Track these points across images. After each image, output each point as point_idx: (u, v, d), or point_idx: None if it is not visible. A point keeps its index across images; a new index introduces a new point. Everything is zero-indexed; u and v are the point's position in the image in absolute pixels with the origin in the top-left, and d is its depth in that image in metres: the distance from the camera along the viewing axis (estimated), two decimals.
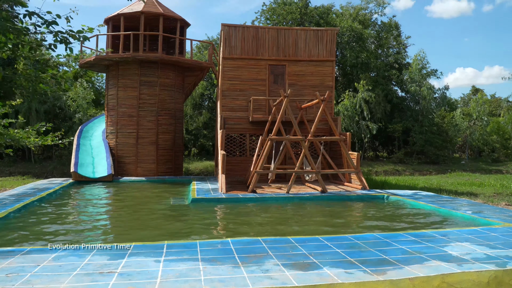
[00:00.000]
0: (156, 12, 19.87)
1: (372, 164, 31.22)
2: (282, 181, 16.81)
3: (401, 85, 37.43)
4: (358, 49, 33.90)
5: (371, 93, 30.57)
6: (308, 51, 18.39)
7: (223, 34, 17.91)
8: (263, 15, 37.09)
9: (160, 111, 20.01)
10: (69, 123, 28.29)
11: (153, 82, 19.88)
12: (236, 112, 18.01)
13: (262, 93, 18.00)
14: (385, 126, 34.35)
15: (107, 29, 20.98)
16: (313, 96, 17.36)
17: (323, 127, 18.01)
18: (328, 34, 18.55)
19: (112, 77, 20.27)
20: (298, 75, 18.33)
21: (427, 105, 34.50)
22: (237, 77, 18.03)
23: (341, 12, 37.55)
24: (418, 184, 19.07)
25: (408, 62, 38.01)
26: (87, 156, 18.99)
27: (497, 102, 55.98)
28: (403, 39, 39.26)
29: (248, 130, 18.18)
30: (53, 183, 15.73)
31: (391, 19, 38.57)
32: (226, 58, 17.95)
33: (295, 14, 34.71)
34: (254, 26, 20.19)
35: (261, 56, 18.12)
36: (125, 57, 19.16)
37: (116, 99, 19.93)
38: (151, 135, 19.79)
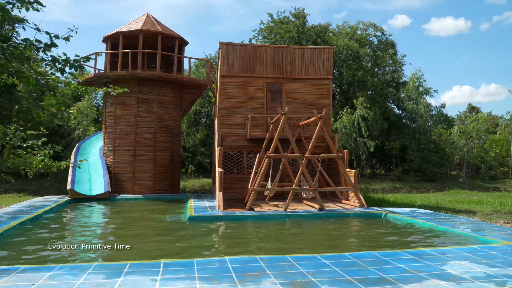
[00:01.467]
0: (155, 31, 20.04)
1: (369, 182, 31.18)
2: (280, 199, 16.75)
3: (398, 103, 37.65)
4: (355, 67, 34.18)
5: (368, 111, 30.72)
6: (306, 69, 18.53)
7: (221, 52, 18.06)
8: (260, 33, 37.44)
9: (157, 128, 20.03)
10: (68, 140, 28.27)
11: (151, 99, 19.94)
12: (233, 129, 18.05)
13: (259, 111, 18.07)
14: (383, 144, 34.43)
15: (106, 47, 21.13)
16: (310, 113, 17.43)
17: (321, 145, 18.04)
18: (325, 52, 18.72)
19: (110, 95, 20.34)
20: (296, 93, 18.43)
21: (424, 122, 34.67)
22: (235, 94, 18.12)
23: (338, 31, 37.95)
24: (416, 202, 19.03)
25: (405, 81, 38.31)
26: (84, 173, 18.92)
27: (494, 120, 56.27)
28: (399, 58, 39.65)
29: (246, 147, 18.18)
30: (49, 201, 15.63)
31: (387, 38, 39.00)
32: (224, 76, 18.06)
33: (293, 32, 35.05)
34: (252, 44, 20.40)
35: (259, 74, 18.24)
36: (124, 75, 19.26)
37: (114, 116, 19.96)
38: (148, 152, 19.77)
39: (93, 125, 31.04)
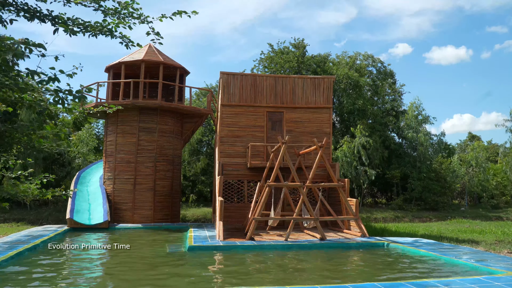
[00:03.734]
0: (157, 61, 20.32)
1: (371, 211, 30.93)
2: (281, 228, 16.58)
3: (398, 132, 37.75)
4: (355, 96, 34.44)
5: (368, 139, 30.78)
6: (306, 98, 18.68)
7: (222, 82, 18.24)
8: (261, 63, 37.92)
9: (158, 157, 20.04)
10: (68, 169, 28.23)
11: (152, 128, 20.03)
12: (234, 158, 18.04)
13: (260, 140, 18.11)
14: (383, 172, 34.33)
15: (108, 76, 21.37)
16: (311, 142, 17.45)
17: (321, 173, 18.00)
18: (325, 82, 18.91)
19: (112, 124, 20.44)
20: (296, 122, 18.52)
21: (425, 151, 34.66)
22: (235, 123, 18.20)
23: (337, 61, 38.43)
24: (418, 231, 18.82)
25: (404, 109, 38.53)
26: (83, 203, 18.81)
27: (494, 148, 56.30)
28: (398, 87, 39.99)
29: (246, 176, 18.13)
30: (47, 230, 15.48)
31: (386, 68, 39.45)
32: (225, 105, 18.19)
33: (293, 62, 35.50)
34: (252, 74, 20.66)
35: (259, 103, 18.37)
36: (125, 104, 19.40)
37: (115, 145, 20.00)
38: (148, 181, 19.71)
39: (93, 154, 31.07)
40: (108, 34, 6.30)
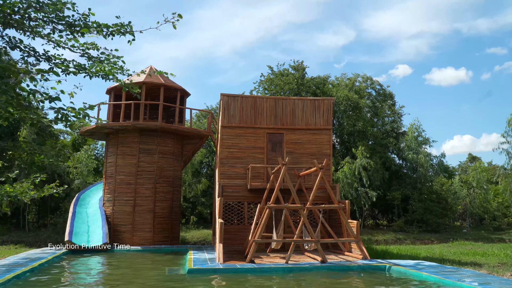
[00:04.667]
0: (157, 83, 20.46)
1: (372, 233, 30.68)
2: (281, 251, 16.41)
3: (398, 153, 37.74)
4: (355, 117, 34.57)
5: (369, 160, 30.75)
6: (306, 120, 18.74)
7: (222, 104, 18.33)
8: (261, 85, 38.16)
9: (158, 178, 19.98)
10: (67, 190, 28.12)
11: (152, 150, 20.03)
12: (234, 179, 17.99)
13: (260, 161, 18.10)
14: (384, 194, 34.17)
15: (109, 98, 21.48)
16: (311, 164, 17.43)
17: (322, 195, 17.92)
18: (325, 103, 19.00)
19: (112, 145, 20.45)
20: (296, 143, 18.54)
21: (425, 172, 34.58)
22: (236, 145, 18.21)
23: (337, 83, 38.69)
24: (420, 254, 18.63)
25: (404, 131, 38.61)
26: (82, 225, 18.67)
27: (494, 170, 56.19)
28: (398, 109, 40.16)
29: (246, 198, 18.05)
30: (46, 253, 15.33)
31: (385, 90, 39.70)
32: (225, 126, 18.24)
33: (292, 84, 35.73)
34: (253, 96, 20.77)
35: (259, 125, 18.43)
36: (126, 126, 19.46)
37: (115, 166, 19.98)
38: (148, 203, 19.61)
39: (93, 175, 31.00)
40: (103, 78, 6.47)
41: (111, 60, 6.47)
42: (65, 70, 6.27)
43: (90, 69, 6.39)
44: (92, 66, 6.41)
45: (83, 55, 6.42)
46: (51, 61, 6.29)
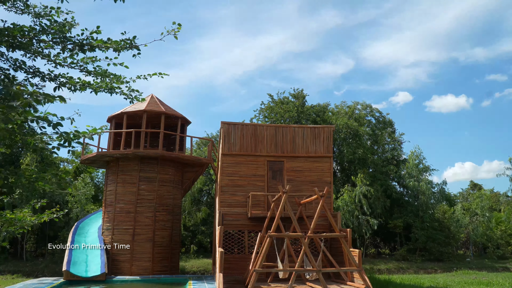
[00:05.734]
0: (158, 111, 20.59)
1: (374, 262, 30.25)
2: (282, 280, 16.14)
3: (399, 180, 37.59)
4: (355, 145, 34.61)
5: (369, 188, 30.60)
6: (306, 147, 18.75)
7: (223, 131, 18.39)
8: (261, 113, 38.39)
9: (158, 207, 19.85)
10: (66, 219, 27.88)
11: (153, 178, 19.98)
12: (234, 208, 17.87)
13: (260, 189, 18.01)
14: (386, 222, 33.85)
15: (110, 126, 21.58)
16: (311, 191, 17.34)
17: (323, 223, 17.75)
18: (325, 131, 19.06)
19: (112, 173, 20.41)
20: (297, 171, 18.49)
21: (427, 200, 34.34)
22: (236, 173, 18.17)
23: (336, 111, 38.93)
24: (424, 284, 18.31)
25: (405, 158, 38.58)
26: (80, 254, 18.44)
27: (496, 197, 55.87)
28: (398, 136, 40.26)
29: (247, 226, 17.88)
30: (43, 283, 15.08)
31: (385, 117, 39.89)
32: (225, 154, 18.24)
33: (292, 112, 35.95)
34: (253, 123, 20.87)
35: (260, 153, 18.43)
36: (126, 154, 19.46)
37: (115, 194, 19.88)
38: (147, 231, 19.42)
39: (92, 204, 30.82)
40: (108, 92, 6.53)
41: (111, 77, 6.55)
42: (71, 88, 6.34)
43: (95, 85, 6.47)
44: (97, 82, 6.48)
45: (82, 70, 6.50)
46: (56, 80, 6.37)
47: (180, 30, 6.43)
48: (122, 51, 6.40)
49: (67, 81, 6.38)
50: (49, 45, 6.21)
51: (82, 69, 6.52)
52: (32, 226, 8.34)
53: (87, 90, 6.54)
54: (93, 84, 6.47)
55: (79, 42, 6.22)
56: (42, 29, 6.08)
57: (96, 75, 6.53)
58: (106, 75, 6.57)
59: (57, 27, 6.11)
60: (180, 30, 6.44)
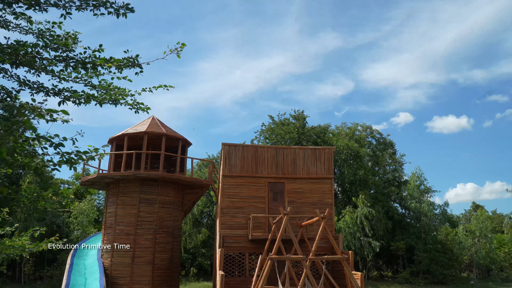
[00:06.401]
0: (159, 132, 20.61)
1: (377, 285, 29.83)
2: None
3: (400, 202, 37.38)
4: (356, 166, 34.56)
5: (371, 209, 30.42)
6: (307, 169, 18.71)
7: (223, 153, 18.38)
8: (262, 134, 38.49)
9: (158, 229, 19.68)
10: (66, 241, 27.68)
11: (153, 199, 19.87)
12: (235, 230, 17.72)
13: (261, 211, 17.90)
14: (388, 244, 33.53)
15: (111, 148, 21.58)
16: (313, 213, 17.23)
17: (324, 245, 17.58)
18: (326, 152, 19.04)
19: (112, 195, 20.32)
20: (297, 193, 18.41)
21: (429, 222, 34.08)
22: (237, 194, 18.09)
23: (337, 132, 39.02)
24: None
25: (406, 180, 38.46)
26: (79, 277, 18.20)
27: (499, 219, 55.44)
28: (398, 157, 40.21)
29: (248, 248, 17.70)
30: None
31: (385, 138, 39.94)
32: (226, 176, 18.19)
33: (293, 133, 36.05)
34: (254, 145, 20.94)
35: (261, 174, 18.38)
36: (127, 175, 19.41)
37: (115, 216, 19.74)
38: (147, 254, 19.20)
39: (93, 226, 30.66)
40: (112, 103, 6.55)
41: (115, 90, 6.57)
42: (75, 101, 6.35)
43: (99, 97, 6.48)
44: (101, 95, 6.50)
45: (86, 84, 6.53)
46: (60, 94, 6.39)
47: (183, 49, 6.46)
48: (125, 69, 6.43)
49: (72, 94, 6.40)
50: (52, 63, 6.26)
51: (86, 84, 6.55)
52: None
53: (91, 103, 6.54)
54: (98, 96, 6.48)
55: (82, 60, 6.26)
56: (45, 44, 6.13)
57: (100, 89, 6.55)
58: (110, 89, 6.60)
59: (60, 41, 6.16)
60: (183, 49, 6.47)
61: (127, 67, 6.40)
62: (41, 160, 5.99)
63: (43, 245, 8.07)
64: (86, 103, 6.46)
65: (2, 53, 5.76)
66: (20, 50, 5.89)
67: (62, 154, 5.65)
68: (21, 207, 8.19)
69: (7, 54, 5.81)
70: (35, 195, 7.43)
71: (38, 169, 6.17)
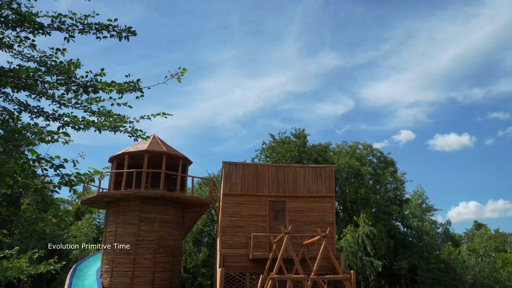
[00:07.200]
0: (160, 151, 20.61)
1: None
2: None
3: (402, 221, 37.13)
4: (357, 184, 34.44)
5: (372, 228, 30.18)
6: (308, 187, 18.64)
7: (224, 171, 18.34)
8: (263, 153, 38.45)
9: (158, 248, 19.51)
10: (65, 261, 27.42)
11: (153, 218, 19.75)
12: (235, 249, 17.56)
13: (262, 230, 17.77)
14: (390, 263, 33.18)
15: (111, 166, 21.55)
16: (314, 232, 17.10)
17: (326, 265, 17.39)
18: (327, 171, 19.00)
19: (112, 214, 20.20)
20: (298, 211, 18.30)
21: (431, 241, 33.78)
22: (237, 213, 17.99)
23: (338, 150, 39.00)
24: None
25: (408, 198, 38.27)
26: None
27: (502, 237, 54.98)
28: (400, 176, 40.08)
29: (248, 268, 17.51)
30: None
31: (386, 157, 39.89)
32: (227, 194, 18.12)
33: (294, 151, 36.02)
34: (254, 163, 20.90)
35: (261, 193, 18.30)
36: (127, 194, 19.34)
37: (114, 236, 19.59)
38: (147, 274, 18.99)
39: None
40: (111, 130, 6.57)
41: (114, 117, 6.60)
42: (74, 127, 6.38)
43: (99, 123, 6.51)
44: (101, 121, 6.53)
45: (86, 110, 6.56)
46: (60, 119, 6.42)
47: (184, 74, 6.51)
48: (126, 93, 6.46)
49: (71, 120, 6.44)
50: (54, 86, 6.30)
51: (86, 110, 6.58)
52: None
53: (90, 129, 6.57)
54: (97, 122, 6.51)
55: (83, 84, 6.30)
56: (47, 69, 6.19)
57: (100, 115, 6.58)
58: (110, 115, 6.62)
59: (62, 68, 6.21)
60: (184, 74, 6.52)
61: (128, 91, 6.44)
62: (41, 181, 5.97)
63: (42, 268, 8.00)
64: (85, 129, 6.49)
65: (4, 77, 5.80)
66: (22, 73, 5.93)
67: (62, 176, 5.63)
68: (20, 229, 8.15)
69: (9, 77, 5.85)
70: (34, 217, 7.40)
71: (38, 190, 6.16)
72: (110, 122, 6.57)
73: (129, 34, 6.10)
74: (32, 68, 6.07)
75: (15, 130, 4.92)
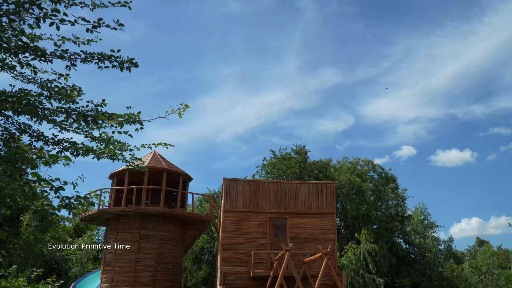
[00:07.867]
0: (160, 167, 20.58)
1: None
2: None
3: (404, 237, 36.83)
4: (358, 201, 34.26)
5: (374, 245, 29.92)
6: (309, 204, 18.55)
7: (225, 188, 18.28)
8: (263, 169, 38.36)
9: (158, 265, 19.34)
10: (64, 278, 27.17)
11: (153, 235, 19.62)
12: (236, 266, 17.40)
13: (263, 247, 17.63)
14: (393, 281, 32.80)
15: (112, 183, 21.50)
16: (315, 249, 16.96)
17: (328, 283, 17.20)
18: (328, 187, 18.93)
19: (112, 231, 20.08)
20: (299, 228, 18.18)
21: (434, 258, 33.45)
22: (238, 230, 17.87)
23: (338, 166, 38.92)
24: None
25: (409, 214, 38.03)
26: None
27: (505, 254, 54.45)
28: (401, 192, 39.89)
29: (249, 286, 17.31)
30: None
31: (387, 173, 39.77)
32: (227, 211, 18.02)
33: (295, 168, 35.94)
34: (255, 180, 20.82)
35: (262, 209, 18.21)
36: (127, 211, 19.25)
37: (114, 253, 19.44)
38: None
39: (92, 263, 30.14)
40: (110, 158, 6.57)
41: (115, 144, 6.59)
42: (73, 153, 6.37)
43: (98, 151, 6.50)
44: (100, 149, 6.52)
45: (87, 136, 6.55)
46: (59, 144, 6.42)
47: (185, 110, 6.53)
48: (125, 124, 6.47)
49: (70, 146, 6.43)
50: (54, 113, 6.32)
51: (87, 135, 6.58)
52: None
53: (89, 156, 6.56)
54: (96, 150, 6.51)
55: (83, 113, 6.31)
56: (49, 94, 6.20)
57: (100, 141, 6.57)
58: (111, 142, 6.62)
59: (65, 93, 6.23)
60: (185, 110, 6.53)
61: (128, 123, 6.46)
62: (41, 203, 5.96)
63: (40, 287, 7.95)
64: (84, 155, 6.49)
65: (5, 102, 5.82)
66: (23, 99, 5.96)
67: (62, 199, 5.62)
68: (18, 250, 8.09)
69: (10, 103, 5.88)
70: (33, 238, 7.36)
71: (38, 212, 6.14)
72: (109, 150, 6.56)
73: (131, 65, 6.15)
74: (33, 94, 6.09)
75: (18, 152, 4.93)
